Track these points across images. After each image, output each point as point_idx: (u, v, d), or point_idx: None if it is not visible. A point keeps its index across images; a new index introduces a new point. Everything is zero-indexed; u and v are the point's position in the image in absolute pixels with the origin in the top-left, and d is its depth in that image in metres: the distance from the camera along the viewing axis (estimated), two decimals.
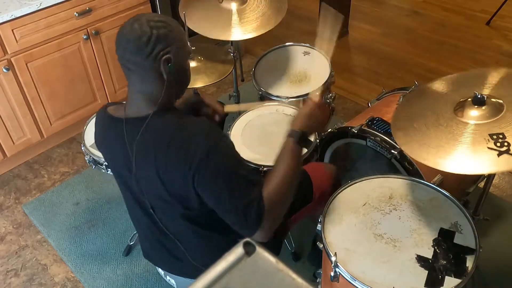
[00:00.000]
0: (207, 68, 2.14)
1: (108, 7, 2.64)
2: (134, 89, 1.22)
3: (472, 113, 1.33)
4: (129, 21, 1.17)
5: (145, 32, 1.13)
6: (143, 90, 1.21)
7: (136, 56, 1.14)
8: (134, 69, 1.18)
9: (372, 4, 4.27)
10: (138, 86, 1.21)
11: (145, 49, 1.14)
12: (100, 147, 1.40)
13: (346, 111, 2.97)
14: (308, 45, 2.41)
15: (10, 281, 2.11)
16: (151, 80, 1.19)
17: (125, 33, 1.15)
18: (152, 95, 1.21)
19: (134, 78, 1.20)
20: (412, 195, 1.48)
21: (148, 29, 1.13)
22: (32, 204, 2.47)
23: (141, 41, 1.13)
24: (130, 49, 1.14)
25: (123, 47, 1.15)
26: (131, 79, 1.21)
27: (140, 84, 1.20)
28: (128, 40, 1.14)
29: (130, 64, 1.17)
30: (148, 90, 1.20)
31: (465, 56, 3.45)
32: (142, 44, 1.13)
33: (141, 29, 1.13)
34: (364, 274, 1.26)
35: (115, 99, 2.88)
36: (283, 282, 0.50)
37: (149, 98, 1.21)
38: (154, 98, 1.21)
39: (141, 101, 1.22)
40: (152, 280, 2.05)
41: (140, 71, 1.18)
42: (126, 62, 1.17)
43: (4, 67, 2.34)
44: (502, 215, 2.22)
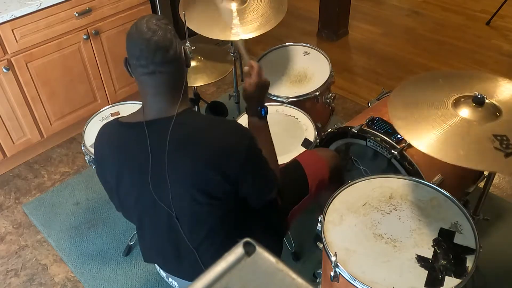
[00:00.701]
0: (207, 67, 2.15)
1: (108, 7, 2.64)
2: (158, 92, 1.21)
3: (468, 111, 1.35)
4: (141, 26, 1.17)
5: (167, 29, 1.18)
6: (169, 90, 1.22)
7: (169, 53, 1.18)
8: (165, 69, 1.19)
9: (372, 4, 4.27)
10: (165, 87, 1.21)
11: (173, 44, 1.19)
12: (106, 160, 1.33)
13: (346, 111, 2.97)
14: (308, 45, 2.41)
15: (10, 281, 2.11)
16: (180, 73, 1.24)
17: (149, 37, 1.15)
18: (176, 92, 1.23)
19: (163, 79, 1.20)
20: (412, 195, 1.49)
21: (166, 26, 1.19)
22: (32, 204, 2.47)
23: (168, 38, 1.18)
24: (163, 48, 1.16)
25: (153, 50, 1.15)
26: (158, 83, 1.20)
27: (168, 83, 1.21)
28: (157, 40, 1.16)
29: (163, 66, 1.18)
30: (175, 86, 1.23)
31: (465, 56, 3.45)
32: (170, 40, 1.18)
33: (161, 28, 1.17)
34: (364, 274, 1.26)
35: (115, 99, 2.88)
36: (283, 282, 0.50)
37: (172, 96, 1.23)
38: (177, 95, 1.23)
39: (164, 101, 1.22)
40: (152, 280, 2.05)
41: (171, 68, 1.20)
42: (159, 65, 1.17)
43: (4, 67, 2.34)
44: (502, 215, 2.22)
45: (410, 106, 1.43)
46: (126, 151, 1.26)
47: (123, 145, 1.27)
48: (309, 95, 2.14)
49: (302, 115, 2.04)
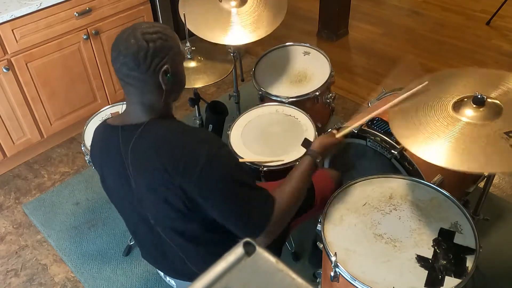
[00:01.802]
0: (207, 68, 2.14)
1: (108, 7, 2.64)
2: (133, 100, 1.21)
3: (469, 112, 1.34)
4: (124, 34, 1.14)
5: (142, 47, 1.11)
6: (142, 101, 1.20)
7: (134, 71, 1.13)
8: (132, 83, 1.16)
9: (372, 4, 4.27)
10: (137, 98, 1.19)
11: (143, 64, 1.13)
12: (95, 160, 1.36)
13: (346, 111, 2.97)
14: (308, 45, 2.41)
15: (10, 281, 2.11)
16: (150, 92, 1.18)
17: (122, 49, 1.12)
18: (151, 105, 1.20)
19: (132, 91, 1.19)
20: (412, 195, 1.49)
21: (144, 43, 1.12)
22: (32, 204, 2.47)
23: (139, 56, 1.12)
24: (128, 65, 1.12)
25: (121, 62, 1.13)
26: (129, 92, 1.20)
27: (139, 96, 1.19)
28: (125, 55, 1.12)
29: (128, 79, 1.16)
30: (147, 101, 1.20)
31: (465, 56, 3.45)
32: (140, 59, 1.12)
33: (137, 43, 1.11)
34: (364, 274, 1.26)
35: (115, 99, 2.88)
36: (283, 282, 0.50)
37: (148, 107, 1.20)
38: (153, 107, 1.20)
39: (140, 110, 1.21)
40: (152, 280, 2.05)
41: (138, 85, 1.17)
42: (124, 77, 1.16)
43: (4, 67, 2.34)
44: (502, 215, 2.22)
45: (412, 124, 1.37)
46: (106, 154, 1.28)
47: (105, 147, 1.29)
48: (309, 95, 2.14)
49: (302, 115, 2.04)
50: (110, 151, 1.25)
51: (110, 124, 1.27)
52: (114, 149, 1.23)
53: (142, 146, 1.17)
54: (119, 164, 1.23)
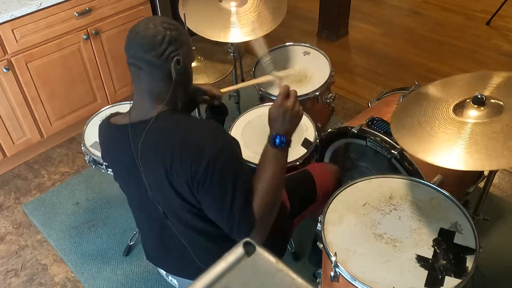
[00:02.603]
0: (207, 68, 2.15)
1: (108, 7, 2.64)
2: (142, 89, 1.23)
3: (473, 113, 1.33)
4: (143, 21, 1.20)
5: (160, 32, 1.16)
6: (150, 89, 1.22)
7: (149, 53, 1.17)
8: (144, 67, 1.19)
9: (372, 4, 4.27)
10: (146, 85, 1.22)
11: (158, 48, 1.16)
12: (106, 159, 1.43)
13: (346, 111, 2.97)
14: (308, 45, 2.41)
15: (10, 281, 2.11)
16: (160, 79, 1.21)
17: (140, 31, 1.17)
18: (159, 95, 1.22)
19: (143, 77, 1.21)
20: (412, 195, 1.49)
21: (162, 30, 1.17)
22: (32, 204, 2.47)
23: (155, 40, 1.16)
24: (144, 47, 1.16)
25: (137, 44, 1.17)
26: (139, 78, 1.22)
27: (149, 83, 1.21)
28: (143, 37, 1.16)
29: (141, 62, 1.18)
30: (156, 89, 1.22)
31: (465, 56, 3.45)
32: (156, 43, 1.16)
33: (156, 28, 1.16)
34: (364, 274, 1.26)
35: (115, 99, 2.88)
36: (283, 282, 0.50)
37: (156, 98, 1.22)
38: (161, 98, 1.22)
39: (147, 102, 1.23)
40: (152, 280, 2.05)
41: (150, 69, 1.19)
42: (137, 60, 1.19)
43: (4, 67, 2.34)
44: (502, 215, 2.22)
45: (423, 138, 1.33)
46: (117, 153, 1.31)
47: (113, 146, 1.32)
48: (309, 95, 2.14)
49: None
50: (119, 151, 1.28)
51: (116, 124, 1.29)
52: (123, 148, 1.25)
53: (151, 140, 1.20)
54: (130, 161, 1.25)
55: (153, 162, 1.20)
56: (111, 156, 1.37)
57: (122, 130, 1.25)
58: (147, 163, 1.22)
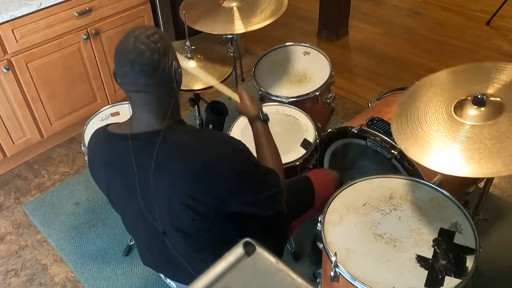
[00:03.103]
0: (207, 68, 2.14)
1: (108, 7, 2.64)
2: (145, 108, 1.18)
3: (473, 112, 1.33)
4: (128, 45, 1.11)
5: (154, 49, 1.11)
6: (157, 107, 1.17)
7: (155, 76, 1.12)
8: (149, 89, 1.14)
9: (372, 4, 4.27)
10: (152, 105, 1.17)
11: (160, 66, 1.12)
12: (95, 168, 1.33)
13: (346, 111, 2.97)
14: (308, 45, 2.41)
15: (10, 281, 2.11)
16: (165, 93, 1.17)
17: (135, 58, 1.10)
18: (164, 108, 1.18)
19: (147, 99, 1.16)
20: (412, 195, 1.48)
21: (153, 45, 1.11)
22: (32, 204, 2.47)
23: (154, 60, 1.11)
24: (147, 72, 1.11)
25: (138, 72, 1.11)
26: (142, 101, 1.17)
27: (155, 102, 1.17)
28: (141, 63, 1.10)
29: (146, 87, 1.13)
30: (162, 104, 1.18)
31: (465, 56, 3.45)
32: (156, 63, 1.11)
33: (148, 48, 1.10)
34: (364, 274, 1.26)
35: (115, 99, 2.88)
36: (283, 282, 0.50)
37: (160, 113, 1.18)
38: (165, 111, 1.18)
39: (151, 118, 1.18)
40: (152, 280, 2.05)
41: (157, 90, 1.15)
42: (143, 87, 1.13)
43: (4, 67, 2.34)
44: (502, 215, 2.22)
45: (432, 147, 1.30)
46: (113, 163, 1.25)
47: (110, 156, 1.26)
48: (309, 95, 2.14)
49: (302, 115, 2.04)
50: (117, 161, 1.23)
51: (115, 133, 1.24)
52: (122, 159, 1.21)
53: (166, 153, 1.15)
54: (129, 174, 1.21)
55: (169, 175, 1.16)
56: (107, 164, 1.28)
57: (120, 140, 1.21)
58: (160, 177, 1.17)
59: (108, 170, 1.28)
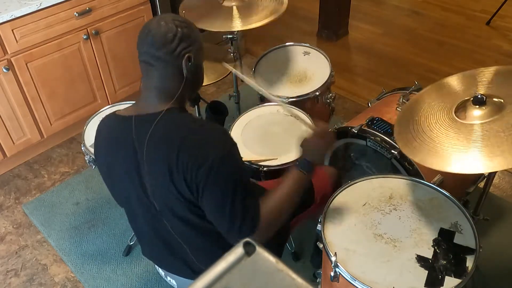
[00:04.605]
0: (207, 68, 2.14)
1: (108, 7, 2.64)
2: (151, 85, 1.24)
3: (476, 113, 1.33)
4: (155, 18, 1.22)
5: (171, 29, 1.19)
6: (160, 86, 1.23)
7: (161, 50, 1.19)
8: (155, 64, 1.21)
9: (372, 4, 4.27)
10: (156, 82, 1.23)
11: (170, 45, 1.19)
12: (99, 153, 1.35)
13: (346, 111, 2.97)
14: (308, 45, 2.41)
15: (10, 281, 2.11)
16: (171, 76, 1.23)
17: (151, 28, 1.19)
18: (169, 91, 1.24)
19: (153, 74, 1.22)
20: (412, 195, 1.49)
21: (174, 27, 1.19)
22: (32, 204, 2.47)
23: (167, 37, 1.18)
24: (156, 44, 1.18)
25: (149, 41, 1.19)
26: (150, 75, 1.23)
27: (159, 79, 1.23)
28: (154, 35, 1.18)
29: (152, 59, 1.20)
30: (166, 85, 1.24)
31: (465, 56, 3.45)
32: (168, 40, 1.18)
33: (167, 25, 1.19)
34: (364, 274, 1.26)
35: (115, 99, 2.88)
36: (283, 282, 0.50)
37: (165, 94, 1.24)
38: (170, 94, 1.24)
39: (156, 97, 1.24)
40: (152, 280, 2.05)
41: (161, 66, 1.21)
42: (149, 57, 1.20)
43: (4, 67, 2.34)
44: (502, 215, 2.22)
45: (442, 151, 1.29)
46: (117, 144, 1.28)
47: (115, 137, 1.30)
48: (309, 95, 2.14)
49: (302, 115, 2.04)
50: (120, 141, 1.27)
51: (121, 115, 1.29)
52: (125, 139, 1.24)
53: (158, 136, 1.20)
54: (130, 153, 1.24)
55: (156, 156, 1.20)
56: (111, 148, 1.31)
57: (126, 121, 1.25)
58: (150, 157, 1.21)
59: (111, 151, 1.31)
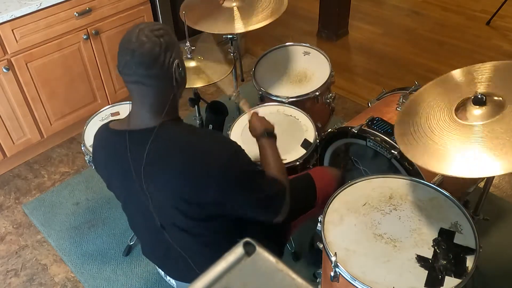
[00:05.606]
0: (207, 68, 2.14)
1: (108, 7, 2.64)
2: (143, 103, 1.20)
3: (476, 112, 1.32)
4: (132, 36, 1.14)
5: (156, 43, 1.13)
6: (155, 102, 1.19)
7: (153, 68, 1.14)
8: (148, 82, 1.16)
9: (372, 4, 4.27)
10: (151, 98, 1.19)
11: (159, 59, 1.14)
12: (99, 164, 1.36)
13: (346, 111, 2.97)
14: (308, 45, 2.41)
15: (10, 281, 2.11)
16: (165, 89, 1.19)
17: (134, 48, 1.12)
18: (163, 106, 1.20)
19: (147, 92, 1.18)
20: (412, 195, 1.48)
21: (156, 39, 1.14)
22: (32, 204, 2.47)
23: (154, 52, 1.13)
24: (145, 63, 1.13)
25: (137, 62, 1.13)
26: (143, 94, 1.18)
27: (154, 96, 1.18)
28: (141, 54, 1.12)
29: (144, 78, 1.15)
30: (160, 100, 1.19)
31: (465, 56, 3.45)
32: (155, 55, 1.13)
33: (149, 40, 1.13)
34: (364, 274, 1.26)
35: (115, 99, 2.88)
36: (283, 282, 0.50)
37: (159, 109, 1.20)
38: (164, 108, 1.20)
39: (150, 113, 1.20)
40: (152, 280, 2.05)
41: (155, 83, 1.17)
42: (140, 78, 1.15)
43: (4, 67, 2.34)
44: (502, 215, 2.22)
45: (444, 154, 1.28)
46: (112, 158, 1.28)
47: (110, 151, 1.29)
48: (309, 95, 2.14)
49: (302, 115, 2.04)
50: (116, 155, 1.26)
51: (114, 129, 1.27)
52: (119, 154, 1.23)
53: (158, 149, 1.17)
54: (125, 168, 1.23)
55: (158, 171, 1.18)
56: (109, 160, 1.31)
57: (119, 136, 1.23)
58: (152, 171, 1.19)
59: (109, 166, 1.31)
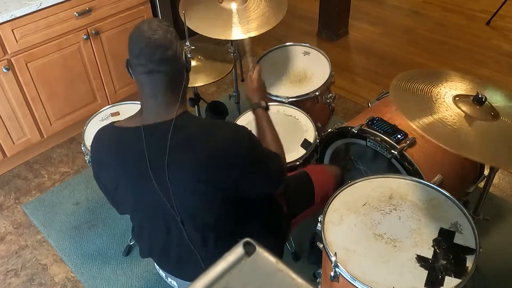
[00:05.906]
0: (207, 67, 2.15)
1: (108, 7, 2.64)
2: (156, 95, 1.21)
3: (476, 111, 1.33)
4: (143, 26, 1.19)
5: (168, 31, 1.20)
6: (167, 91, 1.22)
7: (169, 52, 1.18)
8: (165, 69, 1.19)
9: (372, 4, 4.27)
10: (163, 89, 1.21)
11: (173, 44, 1.20)
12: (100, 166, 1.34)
13: (346, 111, 2.97)
14: (308, 45, 2.41)
15: (10, 281, 2.11)
16: (177, 76, 1.23)
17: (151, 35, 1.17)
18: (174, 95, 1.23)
19: (157, 81, 1.20)
20: (412, 195, 1.49)
21: (167, 28, 1.20)
22: (32, 204, 2.47)
23: (168, 37, 1.19)
24: (162, 46, 1.17)
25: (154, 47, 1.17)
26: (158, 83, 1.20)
27: (166, 84, 1.21)
28: (156, 39, 1.17)
29: (161, 65, 1.18)
30: (173, 89, 1.23)
31: (465, 56, 3.45)
32: (170, 39, 1.19)
33: (162, 28, 1.19)
34: (364, 274, 1.26)
35: (115, 99, 2.88)
36: (283, 282, 0.50)
37: (171, 100, 1.23)
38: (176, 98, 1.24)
39: (163, 105, 1.22)
40: (152, 280, 2.05)
41: (168, 69, 1.20)
42: (156, 65, 1.18)
43: (4, 67, 2.34)
44: (502, 215, 2.22)
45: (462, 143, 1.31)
46: (124, 156, 1.25)
47: (121, 150, 1.26)
48: (309, 95, 2.14)
49: (302, 115, 2.04)
50: (126, 154, 1.24)
51: (124, 127, 1.26)
52: (132, 152, 1.22)
53: (181, 140, 1.19)
54: (139, 166, 1.21)
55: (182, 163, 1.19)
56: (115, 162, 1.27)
57: (133, 132, 1.22)
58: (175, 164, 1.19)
59: (116, 165, 1.27)
